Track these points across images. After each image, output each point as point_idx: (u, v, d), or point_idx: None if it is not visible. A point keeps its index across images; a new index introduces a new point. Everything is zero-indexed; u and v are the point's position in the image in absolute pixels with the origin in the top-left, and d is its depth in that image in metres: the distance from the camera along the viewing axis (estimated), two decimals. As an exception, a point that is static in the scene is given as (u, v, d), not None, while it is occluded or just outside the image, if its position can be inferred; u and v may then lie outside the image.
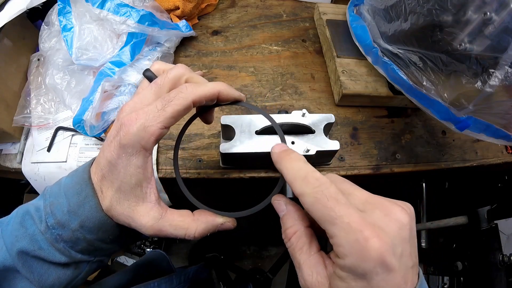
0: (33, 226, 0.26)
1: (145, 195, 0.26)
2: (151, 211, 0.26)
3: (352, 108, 0.52)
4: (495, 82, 0.34)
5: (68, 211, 0.26)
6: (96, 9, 0.45)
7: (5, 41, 0.46)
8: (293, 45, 0.59)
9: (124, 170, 0.25)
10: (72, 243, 0.26)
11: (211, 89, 0.26)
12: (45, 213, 0.26)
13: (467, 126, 0.38)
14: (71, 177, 0.28)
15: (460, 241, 0.67)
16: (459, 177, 0.76)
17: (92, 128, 0.42)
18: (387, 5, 0.44)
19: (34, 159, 0.46)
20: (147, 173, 0.26)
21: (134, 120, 0.24)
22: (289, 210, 0.26)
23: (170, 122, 0.25)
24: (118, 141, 0.24)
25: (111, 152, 0.25)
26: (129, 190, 0.26)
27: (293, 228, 0.25)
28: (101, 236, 0.27)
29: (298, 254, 0.24)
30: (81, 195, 0.26)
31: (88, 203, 0.26)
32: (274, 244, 1.23)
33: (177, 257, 1.20)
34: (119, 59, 0.45)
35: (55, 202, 0.27)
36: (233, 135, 0.38)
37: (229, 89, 0.28)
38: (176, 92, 0.25)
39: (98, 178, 0.26)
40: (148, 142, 0.24)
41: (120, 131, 0.24)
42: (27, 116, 0.47)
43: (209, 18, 0.62)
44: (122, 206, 0.26)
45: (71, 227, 0.26)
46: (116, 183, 0.25)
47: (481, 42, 0.34)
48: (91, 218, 0.26)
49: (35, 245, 0.26)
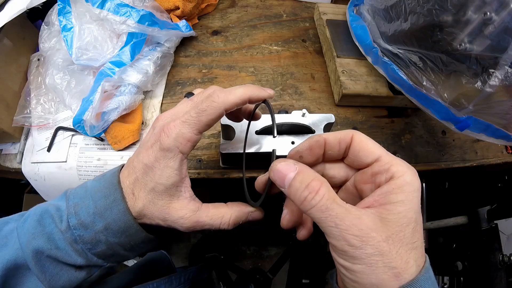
0: (51, 225, 0.27)
1: (180, 193, 0.28)
2: (188, 205, 0.28)
3: (352, 108, 0.52)
4: (495, 82, 0.34)
5: (94, 213, 0.27)
6: (96, 9, 0.45)
7: (5, 41, 0.46)
8: (293, 45, 0.59)
9: (160, 172, 0.27)
10: (91, 245, 0.27)
11: (242, 96, 0.27)
12: (68, 213, 0.27)
13: (467, 126, 0.38)
14: (98, 181, 0.29)
15: (460, 241, 0.67)
16: (459, 177, 0.76)
17: (92, 128, 0.42)
18: (387, 5, 0.44)
19: (34, 159, 0.46)
20: (182, 174, 0.28)
21: (173, 128, 0.26)
22: (302, 166, 0.23)
23: (204, 129, 0.27)
24: (158, 146, 0.27)
25: (149, 156, 0.27)
26: (164, 190, 0.27)
27: (318, 180, 0.22)
28: (123, 241, 0.28)
29: (335, 205, 0.21)
30: (109, 199, 0.27)
31: (116, 207, 0.27)
32: (274, 244, 1.23)
33: (177, 257, 1.20)
34: (119, 59, 0.45)
35: (80, 203, 0.27)
36: (233, 135, 0.38)
37: (257, 91, 0.28)
38: (209, 101, 0.26)
39: (130, 181, 0.28)
40: (186, 147, 0.27)
41: (160, 137, 0.27)
42: (27, 116, 0.47)
43: (209, 18, 0.62)
44: (156, 205, 0.27)
45: (95, 228, 0.27)
46: (150, 184, 0.27)
47: (481, 42, 0.34)
48: (117, 221, 0.27)
49: (52, 244, 0.26)
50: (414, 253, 0.21)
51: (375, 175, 0.24)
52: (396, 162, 0.23)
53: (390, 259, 0.20)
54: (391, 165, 0.23)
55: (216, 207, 0.30)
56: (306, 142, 0.26)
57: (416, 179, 0.22)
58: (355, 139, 0.25)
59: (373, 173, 0.24)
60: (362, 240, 0.20)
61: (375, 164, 0.24)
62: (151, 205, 0.27)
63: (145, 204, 0.27)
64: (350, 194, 0.27)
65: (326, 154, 0.26)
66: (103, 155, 0.46)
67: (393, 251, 0.20)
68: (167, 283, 0.40)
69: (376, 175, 0.23)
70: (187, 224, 0.28)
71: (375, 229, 0.20)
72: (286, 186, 0.23)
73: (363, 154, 0.24)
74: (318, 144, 0.26)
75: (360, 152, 0.25)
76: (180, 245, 1.23)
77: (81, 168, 0.45)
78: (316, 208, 0.21)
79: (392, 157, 0.23)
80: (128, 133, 0.45)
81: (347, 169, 0.27)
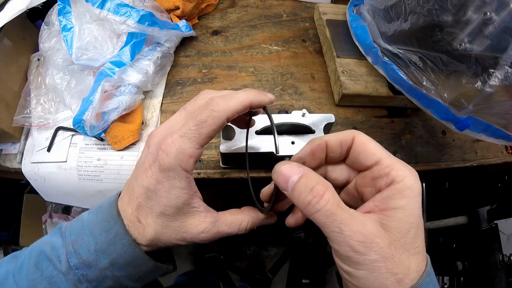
0: (49, 267, 0.25)
1: (194, 209, 0.27)
2: (206, 218, 0.27)
3: (352, 108, 0.52)
4: (495, 82, 0.34)
5: (95, 250, 0.25)
6: (96, 9, 0.45)
7: (5, 41, 0.46)
8: (293, 45, 0.59)
9: (167, 195, 0.25)
10: (97, 282, 0.25)
11: (243, 102, 0.25)
12: (67, 252, 0.25)
13: (467, 126, 0.38)
14: (95, 213, 0.27)
15: (460, 241, 0.67)
16: (459, 177, 0.76)
17: (92, 128, 0.42)
18: (387, 5, 0.44)
19: (34, 159, 0.46)
20: (191, 191, 0.26)
21: (171, 144, 0.24)
22: (306, 169, 0.23)
23: (205, 141, 0.25)
24: (158, 167, 0.24)
25: (149, 178, 0.25)
26: (176, 212, 0.26)
27: (322, 184, 0.22)
28: (130, 272, 0.26)
29: (340, 210, 0.21)
30: (111, 233, 0.25)
31: (120, 241, 0.25)
32: (274, 244, 1.23)
33: (177, 257, 1.20)
34: (119, 59, 0.45)
35: (78, 240, 0.25)
36: (233, 135, 0.38)
37: (259, 96, 0.26)
38: (209, 111, 0.24)
39: (133, 208, 0.26)
40: (188, 163, 0.25)
41: (158, 156, 0.24)
42: (27, 116, 0.47)
43: (209, 18, 0.62)
44: (169, 228, 0.26)
45: (99, 266, 0.25)
46: (157, 209, 0.25)
47: (481, 42, 0.34)
48: (123, 255, 0.25)
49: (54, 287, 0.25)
50: (415, 258, 0.21)
51: (375, 179, 0.23)
52: (397, 166, 0.22)
53: (392, 264, 0.20)
54: (392, 169, 0.22)
55: (233, 214, 0.29)
56: (308, 147, 0.25)
57: (417, 183, 0.22)
58: (356, 141, 0.24)
59: (373, 177, 0.23)
60: (366, 246, 0.20)
61: (375, 167, 0.23)
62: (164, 229, 0.26)
63: (157, 230, 0.26)
64: (351, 196, 0.27)
65: (328, 156, 0.26)
66: (103, 155, 0.46)
67: (396, 257, 0.20)
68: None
69: (377, 179, 0.23)
70: (208, 237, 0.27)
71: (378, 235, 0.20)
72: (289, 189, 0.22)
73: (363, 157, 0.24)
74: (320, 148, 0.25)
75: (360, 155, 0.24)
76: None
77: (81, 168, 0.45)
78: (320, 213, 0.21)
79: (393, 159, 0.23)
80: (128, 133, 0.45)
81: (349, 170, 0.27)
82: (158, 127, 0.27)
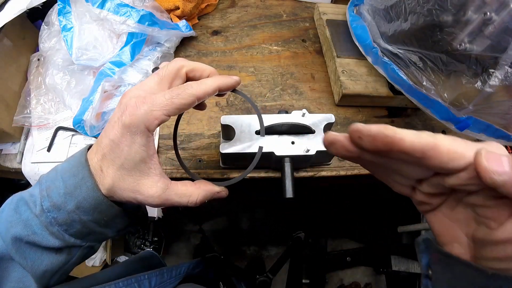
0: (27, 212, 0.27)
1: (150, 170, 0.28)
2: (158, 183, 0.28)
3: (352, 108, 0.52)
4: (495, 82, 0.34)
5: (64, 193, 0.27)
6: (96, 9, 0.45)
7: (5, 41, 0.46)
8: (293, 45, 0.59)
9: (128, 148, 0.27)
10: (66, 225, 0.27)
11: (212, 86, 0.29)
12: (41, 197, 0.27)
13: (467, 126, 0.38)
14: (67, 162, 0.29)
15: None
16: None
17: (92, 128, 0.42)
18: (387, 5, 0.44)
19: (34, 159, 0.46)
20: (150, 151, 0.28)
21: (141, 104, 0.26)
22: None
23: (174, 112, 0.27)
24: (123, 122, 0.26)
25: (115, 131, 0.27)
26: (133, 166, 0.27)
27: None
28: (96, 217, 0.28)
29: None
30: (78, 177, 0.27)
31: (85, 184, 0.27)
32: (274, 244, 1.23)
33: (177, 257, 1.21)
34: (119, 59, 0.45)
35: (51, 185, 0.27)
36: (233, 135, 0.38)
37: (226, 80, 0.30)
38: (184, 88, 0.27)
39: (98, 158, 0.28)
40: (152, 124, 0.26)
41: (125, 112, 0.26)
42: (27, 116, 0.47)
43: (209, 18, 0.62)
44: (125, 182, 0.27)
45: (67, 208, 0.27)
46: (118, 161, 0.27)
47: (481, 42, 0.34)
48: (87, 198, 0.27)
49: (29, 230, 0.26)
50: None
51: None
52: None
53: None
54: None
55: (185, 185, 0.30)
56: (375, 128, 0.18)
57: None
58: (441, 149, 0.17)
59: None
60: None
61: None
62: (120, 181, 0.27)
63: (114, 180, 0.27)
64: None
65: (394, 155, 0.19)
66: (103, 155, 0.46)
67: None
68: (158, 275, 0.40)
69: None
70: (157, 202, 0.28)
71: None
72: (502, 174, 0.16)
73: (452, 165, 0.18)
74: (388, 140, 0.18)
75: (449, 164, 0.18)
76: (180, 245, 1.24)
77: (81, 168, 0.45)
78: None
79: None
80: (128, 133, 0.45)
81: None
82: (132, 88, 0.29)
